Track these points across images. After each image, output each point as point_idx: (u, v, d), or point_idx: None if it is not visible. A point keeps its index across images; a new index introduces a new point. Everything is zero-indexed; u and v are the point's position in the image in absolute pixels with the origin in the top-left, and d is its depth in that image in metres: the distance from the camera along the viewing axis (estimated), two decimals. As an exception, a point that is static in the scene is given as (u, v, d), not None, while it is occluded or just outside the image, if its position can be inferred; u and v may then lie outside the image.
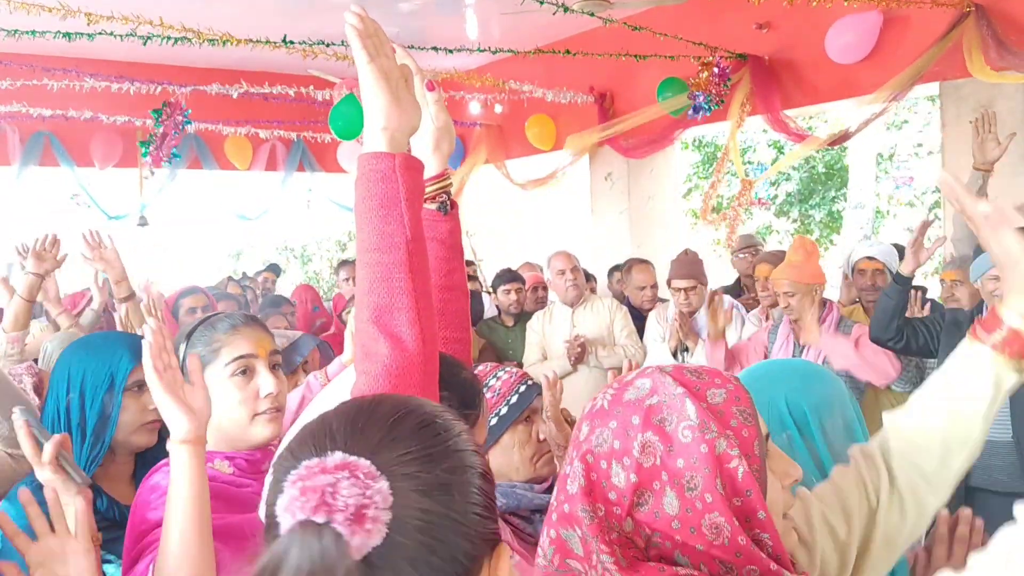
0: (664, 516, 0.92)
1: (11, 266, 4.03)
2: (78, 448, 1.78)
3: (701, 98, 5.84)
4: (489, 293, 5.92)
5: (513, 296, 5.23)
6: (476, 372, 1.82)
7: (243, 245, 14.65)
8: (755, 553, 0.91)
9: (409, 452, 0.73)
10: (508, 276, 5.33)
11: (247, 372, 1.64)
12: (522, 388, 1.82)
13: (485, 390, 1.78)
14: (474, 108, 7.67)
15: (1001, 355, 1.14)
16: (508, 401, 1.79)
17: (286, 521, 0.68)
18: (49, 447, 1.43)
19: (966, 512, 1.42)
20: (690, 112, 5.96)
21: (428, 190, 1.42)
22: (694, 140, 12.15)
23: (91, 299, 4.14)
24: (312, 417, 0.81)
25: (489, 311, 5.78)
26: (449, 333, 1.44)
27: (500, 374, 1.84)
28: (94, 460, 1.79)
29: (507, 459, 1.78)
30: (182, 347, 1.66)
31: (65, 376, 1.85)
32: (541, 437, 1.83)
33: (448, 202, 1.44)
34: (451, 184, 1.46)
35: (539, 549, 1.00)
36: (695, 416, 0.93)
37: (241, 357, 1.63)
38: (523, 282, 5.37)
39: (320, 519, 0.66)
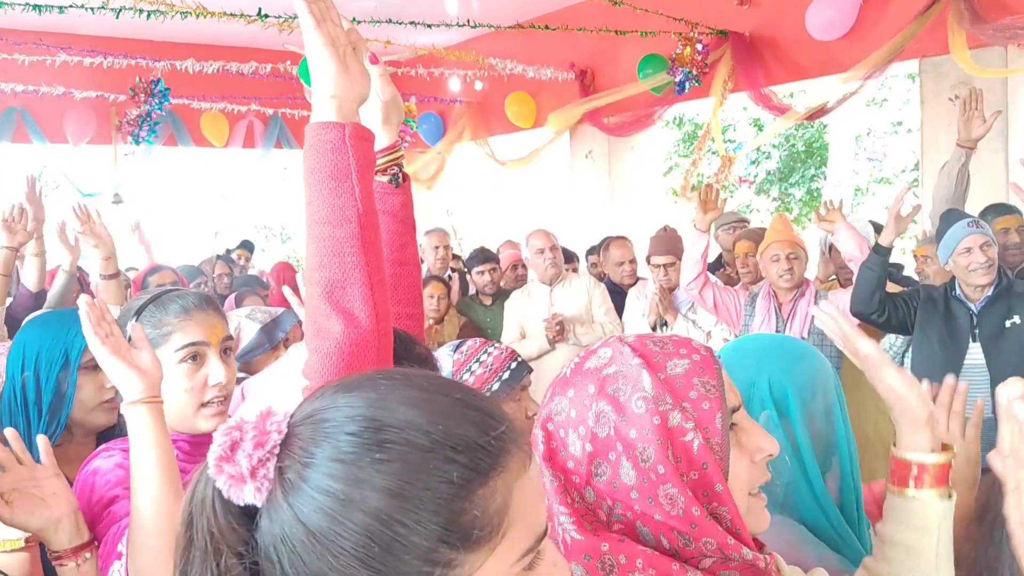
0: (622, 486, 0.91)
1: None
2: (35, 427, 1.74)
3: (682, 74, 5.81)
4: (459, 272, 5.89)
5: (487, 276, 5.20)
6: (467, 347, 1.81)
7: (222, 224, 14.53)
8: (710, 525, 0.89)
9: (312, 446, 0.67)
10: (482, 256, 5.29)
11: (197, 359, 1.58)
12: (513, 365, 1.80)
13: (476, 365, 1.77)
14: (454, 85, 7.60)
15: (922, 491, 1.14)
16: (500, 377, 1.77)
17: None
18: (44, 448, 1.44)
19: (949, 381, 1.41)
20: (675, 90, 5.93)
21: (380, 162, 1.39)
22: (674, 118, 12.13)
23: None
24: (256, 392, 0.78)
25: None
26: (402, 308, 1.42)
27: (491, 350, 1.82)
28: (51, 439, 1.75)
29: None
30: (130, 324, 1.60)
31: (20, 354, 1.80)
32: (530, 414, 1.81)
33: (400, 174, 1.42)
34: (402, 156, 1.45)
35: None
36: (649, 387, 0.91)
37: (192, 344, 1.57)
38: (497, 262, 5.35)
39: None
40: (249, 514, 0.67)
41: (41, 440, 1.43)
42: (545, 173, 8.79)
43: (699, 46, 5.79)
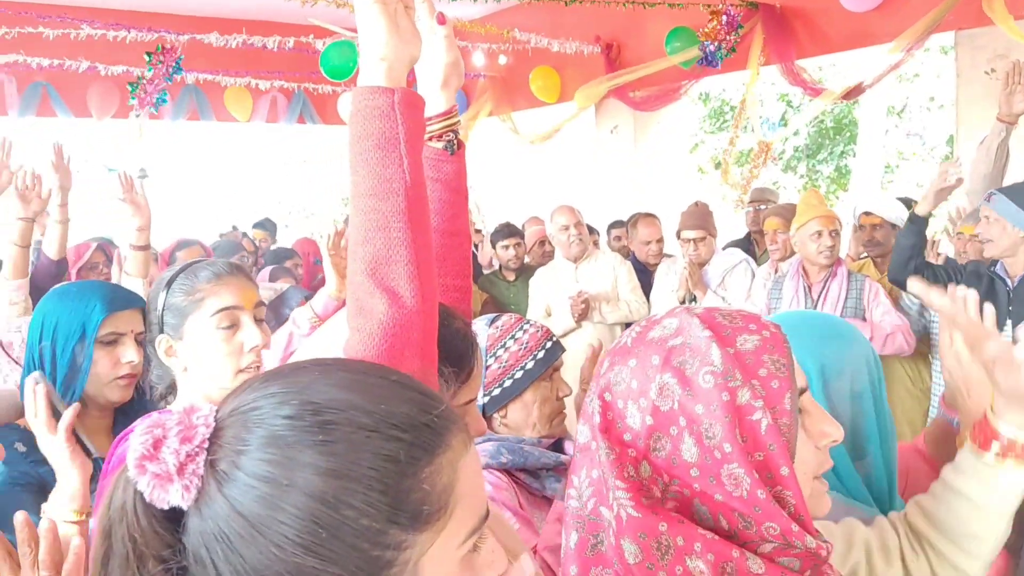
0: (682, 463, 0.87)
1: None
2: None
3: (711, 48, 5.70)
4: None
5: (512, 251, 5.17)
6: (502, 322, 1.78)
7: (244, 199, 14.56)
8: (775, 510, 0.85)
9: (245, 434, 0.65)
10: (507, 231, 5.25)
11: (232, 324, 1.56)
12: (548, 344, 1.77)
13: (511, 341, 1.74)
14: (478, 59, 7.52)
15: (1004, 462, 1.14)
16: (535, 356, 1.74)
17: None
18: (68, 416, 1.40)
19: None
20: (701, 62, 5.82)
21: (435, 127, 1.33)
22: (700, 94, 11.97)
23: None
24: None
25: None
26: (450, 280, 1.37)
27: (527, 327, 1.78)
28: None
29: (525, 415, 1.74)
30: (162, 295, 1.59)
31: (39, 324, 1.81)
32: (561, 395, 1.78)
33: (455, 141, 1.35)
34: (459, 122, 1.38)
35: (572, 490, 0.95)
36: (719, 362, 0.87)
37: (226, 309, 1.56)
38: (522, 236, 5.30)
39: None
40: (172, 518, 0.64)
41: (67, 412, 1.41)
42: (568, 148, 8.70)
43: (725, 18, 5.67)
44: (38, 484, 1.68)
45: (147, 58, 6.14)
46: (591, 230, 5.50)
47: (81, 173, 8.07)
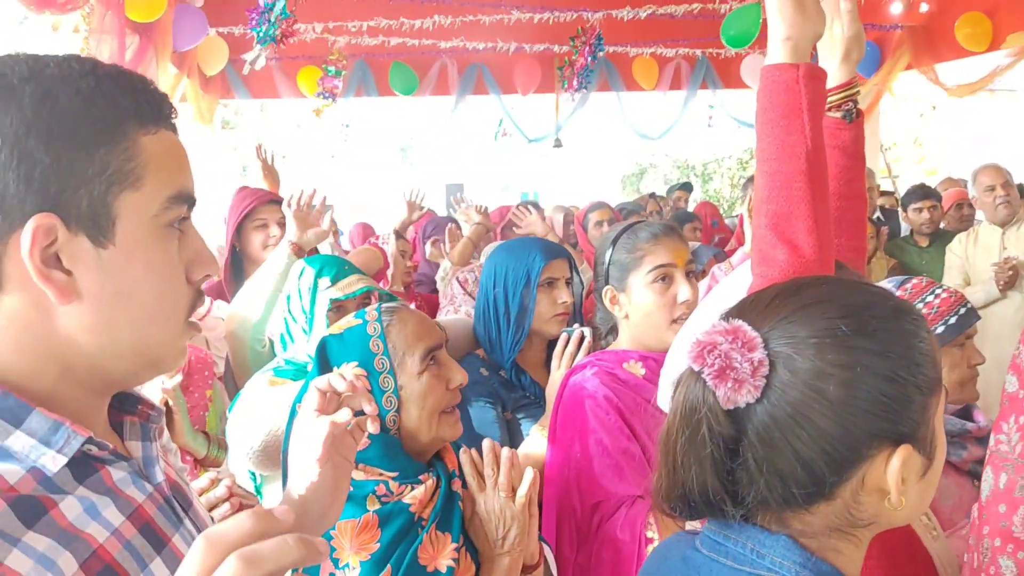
0: None
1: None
2: (504, 333, 2.11)
3: None
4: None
5: (926, 215, 4.81)
6: (912, 284, 1.79)
7: (645, 164, 15.12)
8: None
9: (800, 336, 0.81)
10: (921, 193, 4.90)
11: (666, 279, 1.79)
12: (962, 310, 1.75)
13: (921, 305, 1.75)
14: (895, 8, 6.99)
15: None
16: (946, 321, 1.74)
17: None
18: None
19: None
20: None
21: (834, 98, 1.42)
22: None
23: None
24: (711, 305, 0.91)
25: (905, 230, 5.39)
26: (845, 241, 1.44)
27: (938, 291, 1.78)
28: (517, 343, 2.12)
29: None
30: (608, 251, 1.87)
31: (491, 274, 2.18)
32: (973, 363, 1.76)
33: (854, 110, 1.43)
34: (858, 92, 1.45)
35: (1002, 436, 1.02)
36: None
37: (662, 266, 1.79)
38: (939, 199, 4.90)
39: (696, 368, 0.82)
40: (730, 411, 0.82)
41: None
42: (999, 102, 7.73)
43: None
44: (499, 402, 2.07)
45: (572, 42, 6.70)
46: (1022, 192, 4.92)
47: (499, 143, 9.06)
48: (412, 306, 2.08)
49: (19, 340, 0.72)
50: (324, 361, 1.42)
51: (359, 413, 1.01)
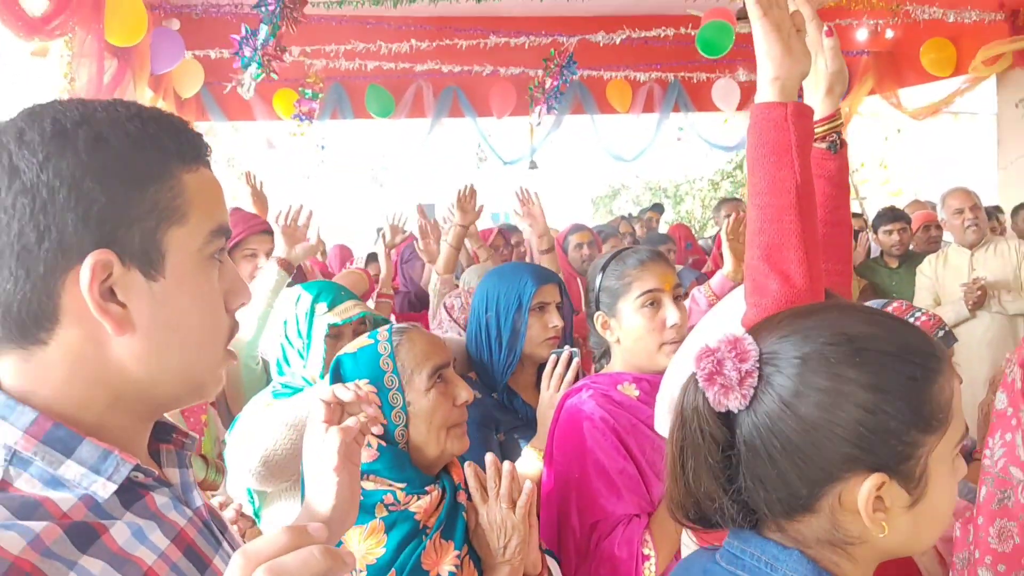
0: None
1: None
2: (496, 357, 2.16)
3: None
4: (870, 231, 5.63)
5: (896, 237, 4.94)
6: (892, 308, 1.85)
7: (618, 185, 15.27)
8: None
9: (788, 355, 0.86)
10: (891, 215, 5.02)
11: (655, 304, 1.85)
12: (940, 333, 1.82)
13: None
14: (861, 35, 7.19)
15: None
16: None
17: None
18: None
19: None
20: None
21: (820, 130, 1.49)
22: None
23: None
24: (704, 329, 0.96)
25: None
26: (831, 266, 1.50)
27: (917, 314, 1.85)
28: (509, 367, 2.16)
29: None
30: (598, 278, 1.93)
31: (483, 298, 2.22)
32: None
33: (838, 141, 1.50)
34: (842, 124, 1.52)
35: (987, 451, 1.08)
36: None
37: (650, 291, 1.85)
38: (908, 221, 5.03)
39: (694, 370, 0.89)
40: (723, 416, 0.88)
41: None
42: (963, 125, 7.95)
43: None
44: (492, 423, 2.11)
45: (544, 63, 6.78)
46: (989, 214, 5.07)
47: (481, 170, 9.14)
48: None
49: (72, 372, 0.75)
50: (338, 378, 1.48)
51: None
